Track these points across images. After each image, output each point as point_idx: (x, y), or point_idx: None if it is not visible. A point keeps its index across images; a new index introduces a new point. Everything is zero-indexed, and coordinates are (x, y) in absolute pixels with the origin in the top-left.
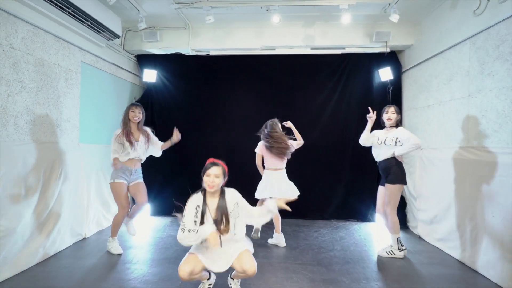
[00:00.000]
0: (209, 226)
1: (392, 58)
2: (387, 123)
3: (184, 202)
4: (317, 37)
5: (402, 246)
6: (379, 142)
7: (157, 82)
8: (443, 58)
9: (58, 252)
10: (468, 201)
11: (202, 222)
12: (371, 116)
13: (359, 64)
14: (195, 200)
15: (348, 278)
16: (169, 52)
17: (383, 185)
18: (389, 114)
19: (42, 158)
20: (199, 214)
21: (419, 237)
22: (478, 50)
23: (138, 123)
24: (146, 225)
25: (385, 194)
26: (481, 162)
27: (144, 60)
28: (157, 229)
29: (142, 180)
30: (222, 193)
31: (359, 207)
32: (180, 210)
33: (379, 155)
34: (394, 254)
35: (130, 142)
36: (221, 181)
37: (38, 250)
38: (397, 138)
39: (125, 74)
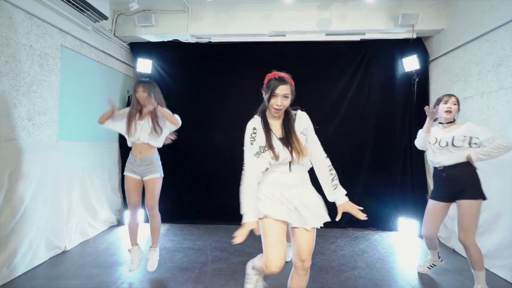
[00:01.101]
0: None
1: (417, 45)
2: (445, 116)
3: (180, 206)
4: (333, 21)
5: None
6: (441, 144)
7: (152, 73)
8: (487, 41)
9: (28, 270)
10: None
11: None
12: (433, 111)
13: (381, 53)
14: (251, 125)
15: None
16: (165, 39)
17: (445, 201)
18: (449, 104)
19: (7, 159)
20: (259, 136)
21: (454, 251)
22: None
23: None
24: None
25: (460, 214)
26: None
27: (138, 48)
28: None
29: (156, 175)
30: (287, 113)
31: (379, 214)
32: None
33: (444, 160)
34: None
35: (129, 122)
36: (289, 102)
37: (1, 270)
38: (470, 137)
39: (117, 64)
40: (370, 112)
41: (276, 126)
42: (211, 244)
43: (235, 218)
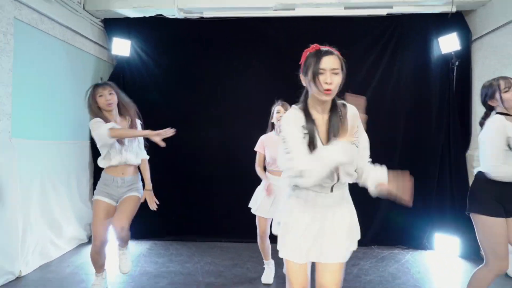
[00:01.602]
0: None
1: (458, 21)
2: None
3: (165, 219)
4: None
5: None
6: None
7: (131, 56)
8: None
9: None
10: None
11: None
12: None
13: (412, 31)
14: (294, 120)
15: None
16: (147, 15)
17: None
18: None
19: None
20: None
21: (507, 275)
22: None
23: (119, 108)
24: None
25: None
26: None
27: (113, 25)
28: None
29: (137, 194)
30: (334, 106)
31: (410, 229)
32: None
33: None
34: None
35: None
36: (340, 80)
37: None
38: None
39: (88, 44)
40: (399, 104)
41: (321, 126)
42: (203, 268)
43: (234, 234)
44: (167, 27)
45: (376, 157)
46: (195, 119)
